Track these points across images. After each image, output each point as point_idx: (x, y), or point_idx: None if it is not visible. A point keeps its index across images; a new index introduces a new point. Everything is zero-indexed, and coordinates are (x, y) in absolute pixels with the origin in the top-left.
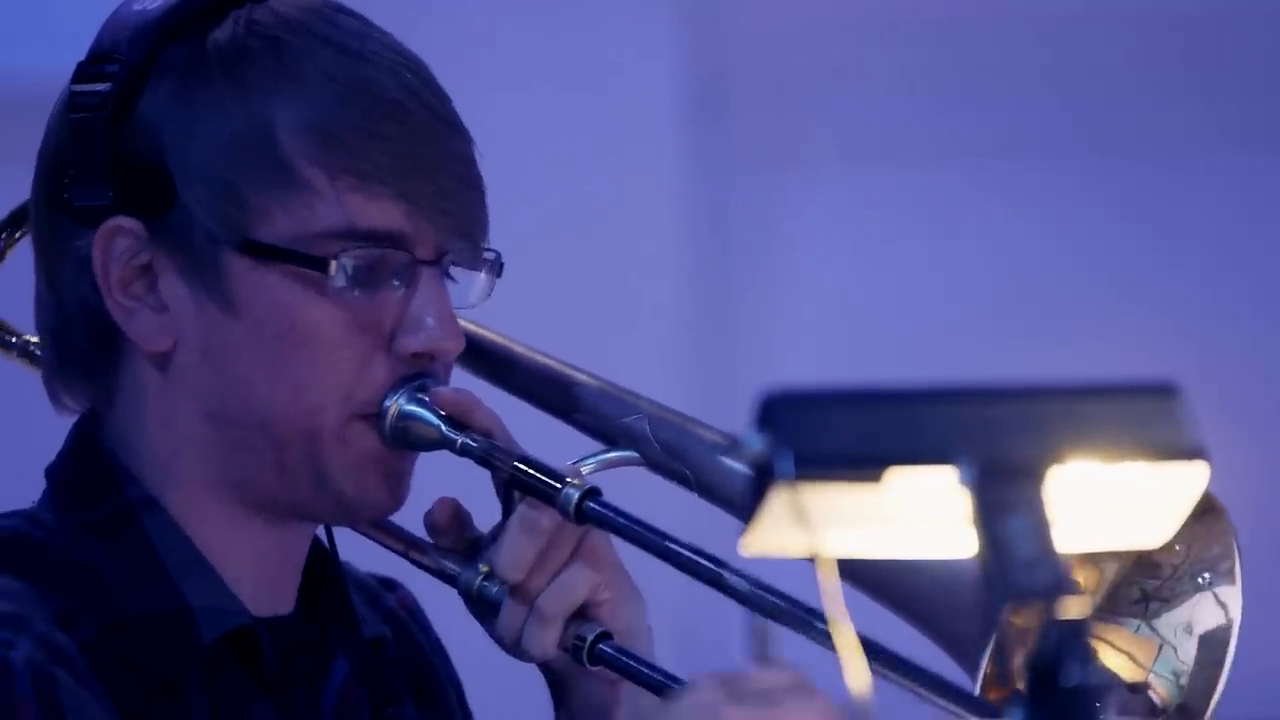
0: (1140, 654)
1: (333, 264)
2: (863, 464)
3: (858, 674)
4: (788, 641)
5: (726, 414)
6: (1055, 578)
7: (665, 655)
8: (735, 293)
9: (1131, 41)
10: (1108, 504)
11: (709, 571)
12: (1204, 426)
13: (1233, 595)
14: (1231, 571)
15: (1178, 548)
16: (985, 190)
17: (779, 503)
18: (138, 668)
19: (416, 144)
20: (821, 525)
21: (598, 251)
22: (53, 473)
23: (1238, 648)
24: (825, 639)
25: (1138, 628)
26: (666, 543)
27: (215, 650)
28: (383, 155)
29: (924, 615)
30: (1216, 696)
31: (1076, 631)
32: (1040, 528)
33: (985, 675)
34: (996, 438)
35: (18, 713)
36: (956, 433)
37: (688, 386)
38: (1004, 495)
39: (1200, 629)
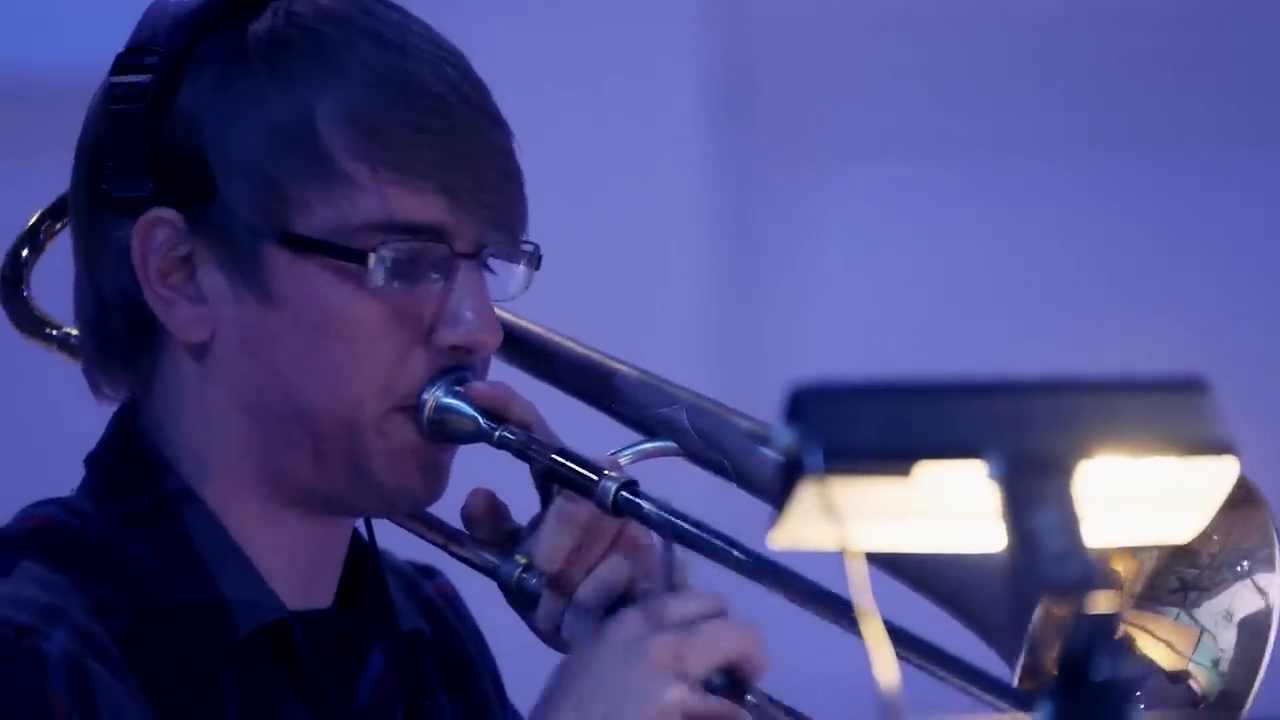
0: (1180, 642)
1: (371, 256)
2: (892, 457)
3: (886, 666)
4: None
5: (755, 408)
6: (1085, 572)
7: None
8: (763, 288)
9: (1170, 37)
10: (1137, 499)
11: (745, 564)
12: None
13: (1272, 582)
14: (1271, 559)
15: (1215, 537)
16: (1016, 185)
17: (808, 496)
18: (173, 659)
19: (458, 138)
20: (851, 519)
21: (624, 249)
22: (93, 461)
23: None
24: (856, 626)
25: (1177, 616)
26: (704, 535)
27: (250, 643)
28: (425, 149)
29: (966, 607)
30: (1257, 684)
31: (1106, 626)
32: (1069, 522)
33: (1023, 666)
34: (1026, 432)
35: (51, 704)
36: (986, 426)
37: (716, 381)
38: (1033, 489)
39: (1240, 615)
